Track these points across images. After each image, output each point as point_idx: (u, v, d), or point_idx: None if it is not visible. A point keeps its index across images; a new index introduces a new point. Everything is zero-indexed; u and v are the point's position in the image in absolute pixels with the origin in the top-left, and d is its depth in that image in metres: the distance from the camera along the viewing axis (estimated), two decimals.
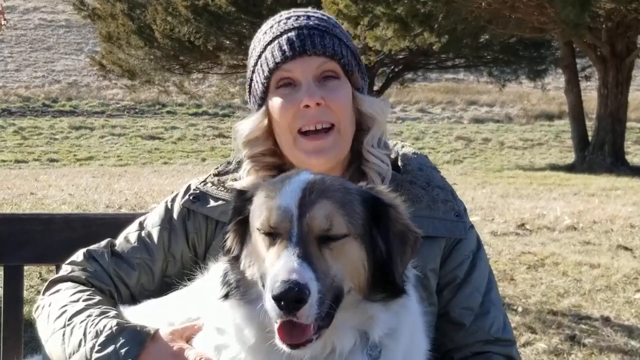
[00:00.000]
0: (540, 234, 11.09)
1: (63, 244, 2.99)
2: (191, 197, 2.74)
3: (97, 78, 39.71)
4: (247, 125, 2.69)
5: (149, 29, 27.93)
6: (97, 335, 2.36)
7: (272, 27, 2.69)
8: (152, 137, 34.65)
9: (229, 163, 2.85)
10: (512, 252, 9.55)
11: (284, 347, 1.95)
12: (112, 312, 2.46)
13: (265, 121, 2.66)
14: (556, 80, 39.56)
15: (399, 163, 2.79)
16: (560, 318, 7.30)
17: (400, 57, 29.14)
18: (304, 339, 1.93)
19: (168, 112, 39.98)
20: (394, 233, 2.04)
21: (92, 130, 35.53)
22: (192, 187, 2.78)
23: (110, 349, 2.32)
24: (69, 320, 2.47)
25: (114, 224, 2.96)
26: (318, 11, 2.77)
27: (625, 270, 8.69)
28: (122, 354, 2.31)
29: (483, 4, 22.77)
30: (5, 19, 11.78)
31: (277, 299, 1.84)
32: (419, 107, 42.27)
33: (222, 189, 2.73)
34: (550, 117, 39.96)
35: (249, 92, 2.76)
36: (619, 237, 10.75)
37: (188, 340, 2.29)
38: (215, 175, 2.81)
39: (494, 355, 2.63)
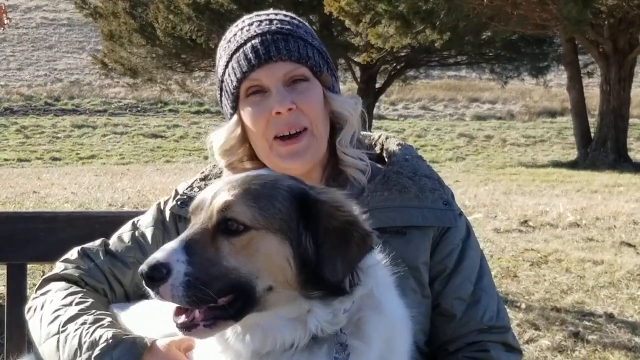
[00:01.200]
0: (543, 230, 11.08)
1: (66, 242, 2.98)
2: (179, 203, 2.74)
3: (99, 76, 39.81)
4: (221, 135, 2.69)
5: (151, 27, 27.96)
6: (92, 347, 2.34)
7: (235, 34, 2.67)
8: (154, 136, 34.65)
9: (214, 166, 2.85)
10: (515, 249, 9.54)
11: (176, 328, 2.03)
12: (107, 320, 2.44)
13: (239, 130, 2.65)
14: (558, 77, 39.59)
15: (384, 155, 2.79)
16: (563, 315, 7.29)
17: (402, 54, 29.15)
18: (188, 321, 1.99)
19: (170, 110, 40.02)
20: (327, 230, 2.00)
21: (94, 128, 35.54)
22: (180, 192, 2.79)
23: None
24: (62, 326, 2.45)
25: (117, 222, 2.95)
26: (280, 12, 2.75)
27: (628, 267, 8.68)
28: None
29: (485, 0, 22.74)
30: (8, 18, 11.77)
31: (140, 273, 1.94)
32: (421, 105, 42.28)
33: None
34: (552, 113, 39.96)
35: (220, 101, 2.75)
36: (622, 233, 10.74)
37: (186, 351, 2.28)
38: (201, 179, 2.80)
39: (488, 343, 2.60)
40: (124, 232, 2.79)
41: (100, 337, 2.35)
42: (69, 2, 41.05)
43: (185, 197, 2.73)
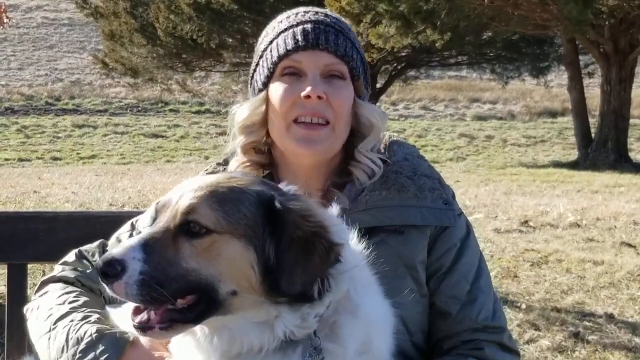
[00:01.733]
0: (543, 231, 11.08)
1: (67, 242, 2.98)
2: None
3: (100, 76, 39.82)
4: (245, 110, 2.69)
5: (152, 27, 27.97)
6: (78, 342, 2.37)
7: (289, 17, 2.69)
8: (155, 135, 34.65)
9: (218, 164, 2.86)
10: (516, 250, 9.54)
11: (133, 329, 2.04)
12: (94, 317, 2.46)
13: (263, 107, 2.65)
14: (559, 77, 39.59)
15: (385, 154, 2.78)
16: (564, 315, 7.29)
17: (403, 54, 29.17)
18: (143, 322, 2.00)
19: (171, 110, 40.01)
20: (291, 239, 1.98)
21: (95, 128, 35.53)
22: None
23: (90, 356, 2.34)
24: (53, 324, 2.48)
25: (118, 222, 2.96)
26: (335, 13, 2.78)
27: (629, 267, 8.68)
28: None
29: (485, 1, 22.74)
30: (8, 17, 11.78)
31: (95, 267, 2.00)
32: (422, 105, 42.26)
33: None
34: (553, 114, 39.94)
35: (252, 77, 2.75)
36: (623, 234, 10.73)
37: (167, 345, 2.29)
38: None
39: (482, 342, 2.58)
40: (122, 232, 2.79)
41: (85, 332, 2.38)
42: (70, 2, 41.08)
43: None
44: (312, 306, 2.02)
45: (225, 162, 2.83)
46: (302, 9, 2.73)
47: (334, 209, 2.24)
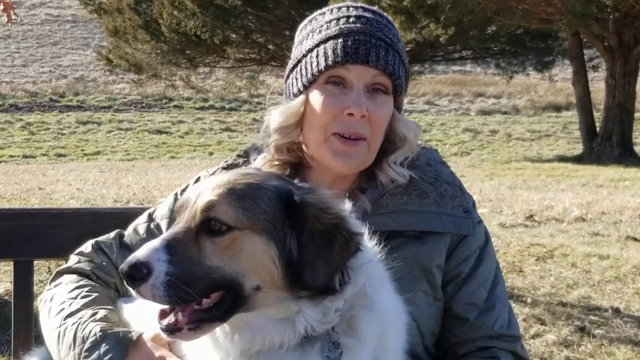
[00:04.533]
0: (548, 225, 11.07)
1: (73, 238, 2.99)
2: None
3: (103, 73, 39.77)
4: (284, 112, 2.66)
5: (156, 23, 27.93)
6: (83, 341, 2.39)
7: (338, 19, 2.64)
8: (159, 132, 34.66)
9: (238, 156, 2.84)
10: (521, 244, 9.53)
11: (161, 332, 2.04)
12: (101, 314, 2.47)
13: (301, 110, 2.62)
14: (563, 72, 39.48)
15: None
16: (569, 309, 7.29)
17: (407, 49, 29.01)
18: (172, 324, 2.00)
19: (175, 106, 39.98)
20: (311, 233, 1.99)
21: (99, 125, 35.55)
22: (202, 179, 2.77)
23: (95, 355, 2.35)
24: (63, 320, 2.50)
25: (123, 218, 2.96)
26: (385, 14, 2.73)
27: (634, 261, 8.67)
28: None
29: None
30: (15, 14, 11.79)
31: (120, 272, 1.97)
32: (426, 100, 42.20)
33: None
34: (557, 108, 39.85)
35: (290, 71, 2.71)
36: (628, 228, 10.73)
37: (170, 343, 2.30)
38: (224, 168, 2.78)
39: (498, 350, 2.60)
40: (140, 223, 2.80)
41: (90, 331, 2.39)
42: None
43: None
44: (333, 299, 2.03)
45: (246, 155, 2.82)
46: (352, 10, 2.67)
47: (348, 205, 2.23)
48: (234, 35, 27.86)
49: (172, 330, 2.01)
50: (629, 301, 7.59)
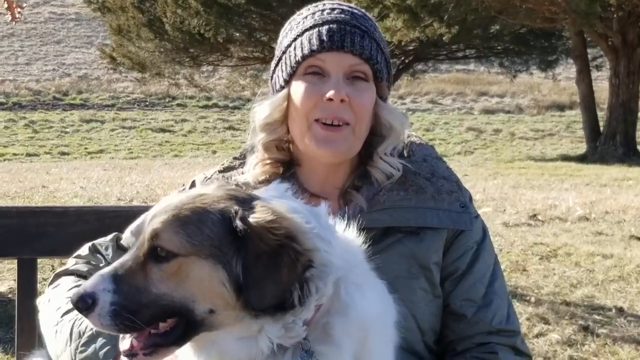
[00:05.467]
0: (552, 224, 11.07)
1: (76, 236, 2.98)
2: None
3: (107, 71, 39.79)
4: (267, 107, 2.67)
5: (159, 21, 27.92)
6: (80, 336, 2.41)
7: (314, 13, 2.67)
8: (162, 130, 34.72)
9: (234, 159, 2.85)
10: (524, 243, 9.52)
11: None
12: None
13: (285, 104, 2.64)
14: (567, 71, 39.50)
15: (404, 154, 2.77)
16: (573, 309, 7.28)
17: (411, 48, 29.08)
18: (128, 350, 2.02)
19: (178, 104, 40.02)
20: (256, 254, 1.96)
21: (102, 123, 35.61)
22: (197, 184, 2.78)
23: (91, 349, 2.38)
24: (60, 317, 2.52)
25: (127, 216, 2.95)
26: (362, 9, 2.75)
27: (638, 261, 8.66)
28: (102, 355, 2.36)
29: None
30: (20, 12, 11.78)
31: (70, 302, 2.01)
32: (430, 99, 42.20)
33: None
34: (561, 107, 39.85)
35: (273, 71, 2.73)
36: (632, 227, 10.72)
37: None
38: (220, 171, 2.80)
39: (496, 345, 2.59)
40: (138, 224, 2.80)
41: (87, 326, 2.40)
42: None
43: None
44: (295, 314, 2.00)
45: (243, 157, 2.82)
46: (328, 5, 2.70)
47: (323, 208, 2.20)
48: (237, 34, 27.85)
49: (129, 355, 2.02)
50: (632, 300, 7.58)
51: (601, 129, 27.48)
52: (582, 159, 26.26)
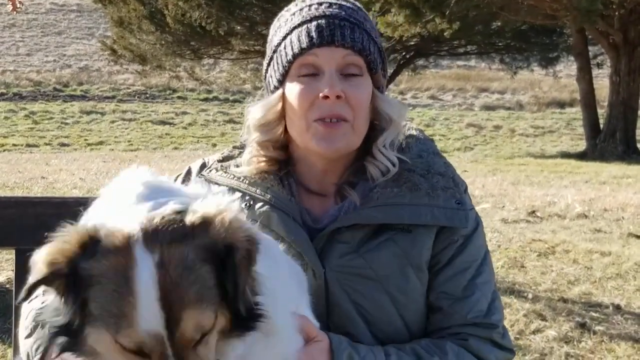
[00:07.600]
0: (551, 221, 11.07)
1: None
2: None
3: (108, 63, 39.71)
4: (261, 108, 2.65)
5: (161, 14, 27.92)
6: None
7: (301, 10, 2.63)
8: (162, 122, 34.70)
9: (234, 147, 2.84)
10: (523, 240, 9.52)
11: None
12: None
13: (280, 105, 2.61)
14: (568, 68, 39.48)
15: (402, 146, 2.73)
16: (570, 305, 7.29)
17: (412, 43, 29.09)
18: None
19: (179, 97, 40.01)
20: (242, 265, 1.87)
21: (102, 115, 35.60)
22: (193, 171, 2.81)
23: None
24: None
25: None
26: (350, 2, 2.71)
27: (636, 258, 8.66)
28: None
29: None
30: (20, 2, 11.77)
31: None
32: (430, 94, 42.20)
33: (224, 174, 2.71)
34: (561, 104, 39.86)
35: (266, 71, 2.71)
36: (630, 225, 10.72)
37: None
38: (219, 160, 2.79)
39: (468, 335, 2.54)
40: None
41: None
42: None
43: (202, 179, 2.67)
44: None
45: (242, 146, 2.79)
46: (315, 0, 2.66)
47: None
48: (238, 27, 27.85)
49: None
50: (630, 298, 7.59)
51: (601, 126, 27.49)
52: (581, 156, 26.25)
